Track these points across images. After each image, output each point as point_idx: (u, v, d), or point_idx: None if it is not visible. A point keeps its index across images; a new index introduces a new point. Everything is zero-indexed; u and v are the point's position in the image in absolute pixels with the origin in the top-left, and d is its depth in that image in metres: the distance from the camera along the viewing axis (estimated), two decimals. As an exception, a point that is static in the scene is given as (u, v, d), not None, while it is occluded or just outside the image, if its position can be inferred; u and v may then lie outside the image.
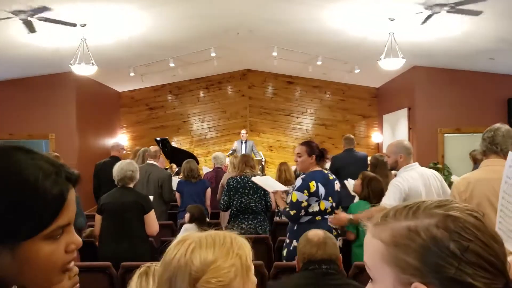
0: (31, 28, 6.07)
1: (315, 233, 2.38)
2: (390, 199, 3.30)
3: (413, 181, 3.41)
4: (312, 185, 3.58)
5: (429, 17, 6.09)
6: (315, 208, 3.59)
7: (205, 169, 8.34)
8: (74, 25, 6.31)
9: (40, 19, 5.92)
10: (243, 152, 9.85)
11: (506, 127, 2.63)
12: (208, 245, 0.98)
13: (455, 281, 0.66)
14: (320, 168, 3.74)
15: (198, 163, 6.63)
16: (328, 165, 6.70)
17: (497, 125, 2.65)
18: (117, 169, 3.98)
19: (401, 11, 6.48)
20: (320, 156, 3.75)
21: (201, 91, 12.66)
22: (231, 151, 10.10)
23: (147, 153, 5.97)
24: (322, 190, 3.60)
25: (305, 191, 3.58)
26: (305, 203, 3.57)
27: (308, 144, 3.79)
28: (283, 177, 5.63)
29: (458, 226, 0.68)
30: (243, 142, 10.39)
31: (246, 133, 10.73)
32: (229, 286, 0.94)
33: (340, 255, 2.37)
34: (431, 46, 8.00)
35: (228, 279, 0.95)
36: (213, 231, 1.04)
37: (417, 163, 3.61)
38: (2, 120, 9.33)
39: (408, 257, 0.69)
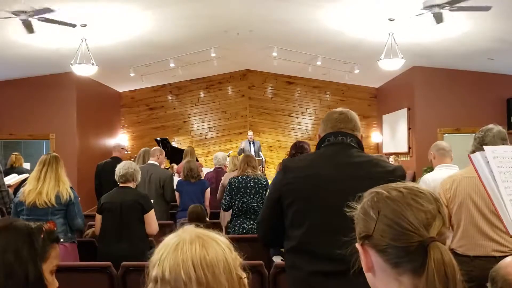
0: (29, 29, 6.09)
1: None
2: None
3: (438, 178, 3.42)
4: None
5: (438, 16, 6.04)
6: None
7: (205, 169, 8.36)
8: (74, 25, 6.31)
9: (41, 19, 5.93)
10: (252, 152, 10.02)
11: (498, 128, 2.62)
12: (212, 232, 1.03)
13: (372, 238, 0.92)
14: None
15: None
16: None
17: (490, 126, 2.65)
18: (119, 166, 4.01)
19: (401, 11, 6.50)
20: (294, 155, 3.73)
21: (201, 91, 12.68)
22: (240, 151, 10.20)
23: (149, 153, 5.98)
24: None
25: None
26: None
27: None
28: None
29: (379, 198, 0.93)
30: (251, 142, 10.56)
31: (253, 134, 11.02)
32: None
33: None
34: (430, 46, 8.01)
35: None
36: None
37: (453, 165, 3.60)
38: (3, 120, 9.34)
39: (356, 227, 0.96)
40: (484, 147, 1.74)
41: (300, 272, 1.87)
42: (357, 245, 0.96)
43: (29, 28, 6.07)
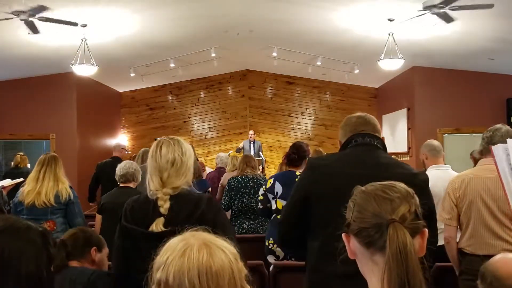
0: (34, 29, 6.10)
1: None
2: None
3: (435, 179, 3.42)
4: (269, 182, 3.69)
5: (446, 15, 6.03)
6: (273, 205, 3.66)
7: (207, 169, 8.37)
8: (76, 24, 6.29)
9: (41, 19, 5.93)
10: (251, 152, 10.03)
11: (506, 128, 2.64)
12: (218, 238, 1.03)
13: (350, 225, 1.08)
14: (293, 169, 3.68)
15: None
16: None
17: (498, 125, 2.67)
18: (120, 166, 4.01)
19: (401, 11, 6.50)
20: (294, 158, 3.70)
21: (201, 92, 12.68)
22: (238, 150, 10.25)
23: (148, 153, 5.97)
24: (279, 189, 3.62)
25: (263, 187, 3.75)
26: (261, 197, 3.76)
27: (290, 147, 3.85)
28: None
29: (357, 192, 1.11)
30: (251, 142, 10.60)
31: (254, 134, 11.05)
32: None
33: None
34: (430, 46, 8.01)
35: None
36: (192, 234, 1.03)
37: (446, 166, 3.60)
38: (3, 120, 9.35)
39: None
40: (508, 139, 1.75)
41: (321, 274, 1.84)
42: (343, 234, 1.11)
43: (33, 28, 6.08)
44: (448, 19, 6.13)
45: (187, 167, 1.95)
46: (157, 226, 1.84)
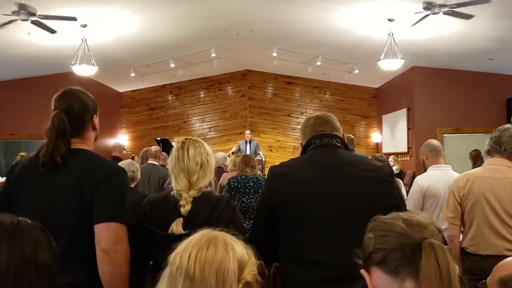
0: (50, 29, 6.18)
1: None
2: (409, 200, 3.42)
3: (436, 180, 3.43)
4: None
5: (424, 17, 6.10)
6: None
7: None
8: (75, 19, 6.26)
9: (40, 17, 5.93)
10: (248, 152, 10.00)
11: None
12: (238, 242, 1.03)
13: (372, 255, 0.99)
14: None
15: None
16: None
17: (507, 126, 2.67)
18: None
19: (401, 11, 6.51)
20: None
21: (202, 92, 12.69)
22: (235, 151, 10.24)
23: (148, 153, 5.99)
24: None
25: None
26: None
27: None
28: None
29: (378, 222, 1.02)
30: (248, 142, 10.55)
31: (250, 134, 10.96)
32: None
33: None
34: (430, 46, 8.02)
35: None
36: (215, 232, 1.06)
37: (447, 166, 3.58)
38: (3, 120, 9.35)
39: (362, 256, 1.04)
40: None
41: (295, 279, 1.83)
42: (362, 270, 1.03)
43: (49, 29, 6.14)
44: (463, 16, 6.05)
45: (211, 168, 1.98)
46: (177, 227, 1.84)
